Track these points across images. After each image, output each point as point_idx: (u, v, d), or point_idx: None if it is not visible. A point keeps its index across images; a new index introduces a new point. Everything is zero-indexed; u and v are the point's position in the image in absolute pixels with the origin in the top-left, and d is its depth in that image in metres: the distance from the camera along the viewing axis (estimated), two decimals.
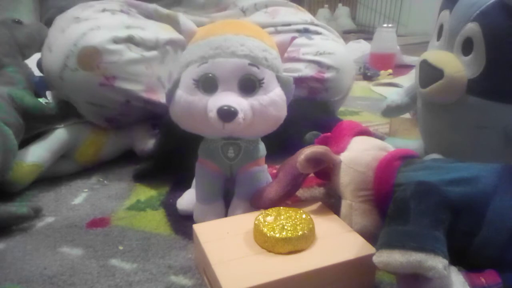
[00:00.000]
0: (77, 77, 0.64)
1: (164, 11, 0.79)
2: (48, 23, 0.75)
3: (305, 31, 0.80)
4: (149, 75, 0.68)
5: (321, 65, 0.77)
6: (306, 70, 0.77)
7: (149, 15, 0.78)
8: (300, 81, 0.76)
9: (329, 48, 0.79)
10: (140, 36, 0.67)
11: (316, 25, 0.83)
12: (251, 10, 0.86)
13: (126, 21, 0.69)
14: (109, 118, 0.70)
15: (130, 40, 0.66)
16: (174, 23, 0.77)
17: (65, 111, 0.70)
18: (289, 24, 0.81)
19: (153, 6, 0.78)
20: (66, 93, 0.67)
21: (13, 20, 0.72)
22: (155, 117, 0.73)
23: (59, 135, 0.67)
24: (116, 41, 0.65)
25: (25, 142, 0.65)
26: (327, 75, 0.78)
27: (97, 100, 0.66)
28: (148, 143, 0.72)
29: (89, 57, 0.63)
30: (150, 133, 0.74)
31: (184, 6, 0.87)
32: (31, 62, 0.86)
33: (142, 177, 0.68)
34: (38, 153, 0.64)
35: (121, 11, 0.73)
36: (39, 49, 0.76)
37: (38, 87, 0.75)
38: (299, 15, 0.85)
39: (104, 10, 0.71)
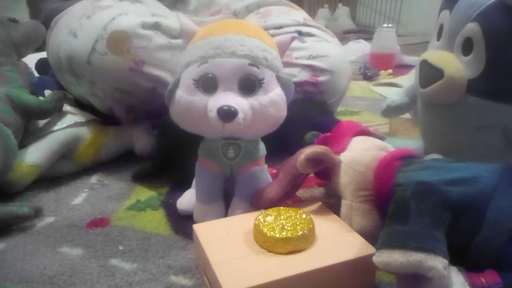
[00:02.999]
0: (106, 61, 0.64)
1: None
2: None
3: (298, 34, 0.79)
4: (174, 62, 0.68)
5: (315, 69, 0.76)
6: (300, 75, 0.76)
7: None
8: (295, 85, 0.75)
9: (323, 50, 0.78)
10: (166, 24, 0.68)
11: (309, 25, 0.82)
12: (243, 12, 0.85)
13: (150, 10, 0.69)
14: (130, 107, 0.70)
15: (157, 27, 0.67)
16: None
17: (62, 104, 0.70)
18: (280, 27, 0.80)
19: (150, 4, 0.77)
20: (92, 78, 0.66)
21: (8, 18, 0.72)
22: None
23: (58, 136, 0.67)
24: (145, 26, 0.65)
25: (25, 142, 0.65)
26: (322, 78, 0.77)
27: (124, 85, 0.66)
28: (148, 143, 0.72)
29: (119, 41, 0.63)
30: (149, 133, 0.74)
31: (178, 10, 0.87)
32: (30, 62, 0.86)
33: (142, 177, 0.68)
34: (37, 154, 0.63)
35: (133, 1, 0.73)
36: (36, 47, 0.76)
37: (37, 87, 0.75)
38: (292, 15, 0.83)
39: (121, 0, 0.71)
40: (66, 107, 0.72)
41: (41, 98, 0.68)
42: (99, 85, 0.67)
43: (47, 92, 0.74)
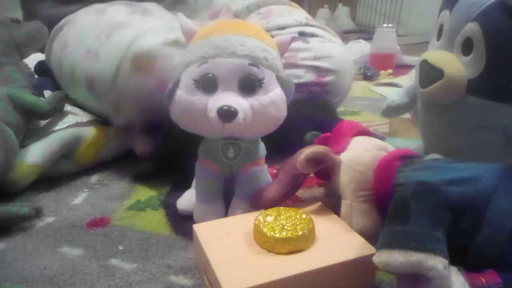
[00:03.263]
0: (133, 82, 0.64)
1: None
2: None
3: (301, 35, 0.79)
4: None
5: (320, 70, 0.77)
6: (306, 76, 0.76)
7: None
8: (300, 86, 0.76)
9: (327, 51, 0.78)
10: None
11: (312, 25, 0.82)
12: (244, 13, 0.85)
13: (163, 22, 0.69)
14: (149, 124, 0.70)
15: (177, 43, 0.66)
16: None
17: (63, 104, 0.70)
18: (283, 28, 0.80)
19: (154, 12, 0.77)
20: (118, 99, 0.66)
21: (11, 19, 0.72)
22: None
23: (59, 136, 0.66)
24: (167, 44, 0.65)
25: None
26: (327, 78, 0.77)
27: (150, 103, 0.66)
28: (149, 144, 0.72)
29: (145, 61, 0.63)
30: (150, 134, 0.74)
31: (177, 11, 0.87)
32: (30, 63, 0.86)
33: (143, 177, 0.67)
34: (38, 153, 0.63)
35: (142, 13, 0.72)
36: (37, 48, 0.76)
37: (36, 89, 0.75)
38: (293, 15, 0.83)
39: (132, 13, 0.70)
40: (67, 107, 0.72)
41: (41, 99, 0.68)
42: (124, 105, 0.67)
43: (47, 93, 0.74)
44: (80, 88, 0.69)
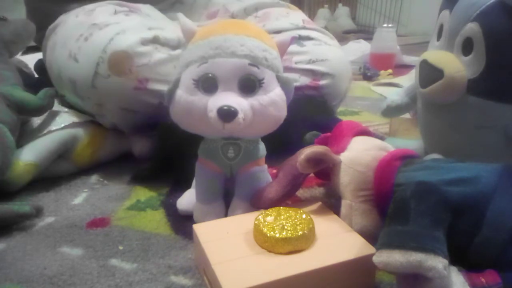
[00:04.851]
0: (110, 84, 0.63)
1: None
2: None
3: (297, 38, 0.79)
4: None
5: (315, 73, 0.76)
6: (301, 80, 0.75)
7: None
8: (295, 89, 0.75)
9: (322, 54, 0.77)
10: (164, 36, 0.67)
11: (308, 28, 0.81)
12: (241, 15, 0.85)
13: (146, 23, 0.69)
14: (138, 125, 0.70)
15: (156, 41, 0.66)
16: None
17: (53, 101, 0.70)
18: (279, 31, 0.79)
19: (146, 12, 0.77)
20: (99, 101, 0.66)
21: None
22: None
23: (56, 135, 0.66)
24: (144, 42, 0.64)
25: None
26: (322, 82, 0.76)
27: (131, 104, 0.66)
28: (146, 145, 0.72)
29: (120, 61, 0.63)
30: (148, 135, 0.74)
31: (176, 11, 0.86)
32: (30, 63, 0.86)
33: (142, 179, 0.67)
34: (35, 153, 0.63)
35: (127, 12, 0.72)
36: (26, 45, 0.76)
37: (34, 89, 0.75)
38: (291, 18, 0.83)
39: (116, 12, 0.70)
40: (64, 109, 0.72)
41: (33, 95, 0.68)
42: (106, 106, 0.67)
43: None
44: (68, 91, 0.70)
